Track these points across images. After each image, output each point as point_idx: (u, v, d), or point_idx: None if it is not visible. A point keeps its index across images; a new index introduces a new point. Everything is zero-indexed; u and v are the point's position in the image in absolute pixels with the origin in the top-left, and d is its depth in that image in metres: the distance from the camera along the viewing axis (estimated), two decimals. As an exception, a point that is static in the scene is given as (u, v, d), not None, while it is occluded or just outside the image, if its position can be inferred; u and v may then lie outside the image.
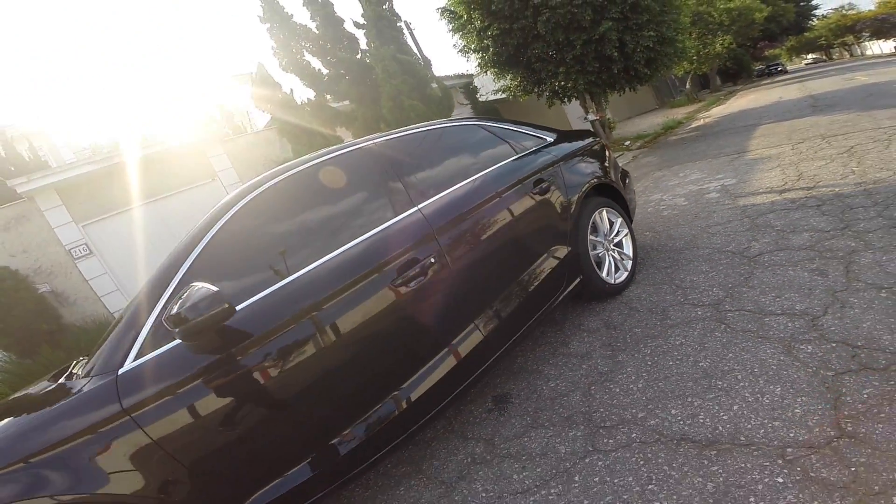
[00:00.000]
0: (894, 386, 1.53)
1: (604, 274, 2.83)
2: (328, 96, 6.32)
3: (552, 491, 1.58)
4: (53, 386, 1.59)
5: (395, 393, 1.72)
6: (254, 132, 9.92)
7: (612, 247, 3.00)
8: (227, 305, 1.32)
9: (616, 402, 1.92)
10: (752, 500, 1.28)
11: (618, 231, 3.07)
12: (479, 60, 10.77)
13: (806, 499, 1.23)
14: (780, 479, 1.31)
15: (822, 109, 7.67)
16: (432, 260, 1.86)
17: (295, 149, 5.58)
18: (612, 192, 3.14)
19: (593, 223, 2.84)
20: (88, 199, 7.76)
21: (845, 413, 1.49)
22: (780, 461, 1.38)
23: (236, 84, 18.58)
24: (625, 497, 1.44)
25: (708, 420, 1.64)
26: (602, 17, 8.12)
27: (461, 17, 9.79)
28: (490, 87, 12.62)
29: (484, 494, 1.69)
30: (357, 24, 5.99)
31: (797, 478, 1.30)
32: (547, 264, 2.42)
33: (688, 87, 20.97)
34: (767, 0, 24.65)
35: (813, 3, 34.03)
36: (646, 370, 2.07)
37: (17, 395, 1.90)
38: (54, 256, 7.65)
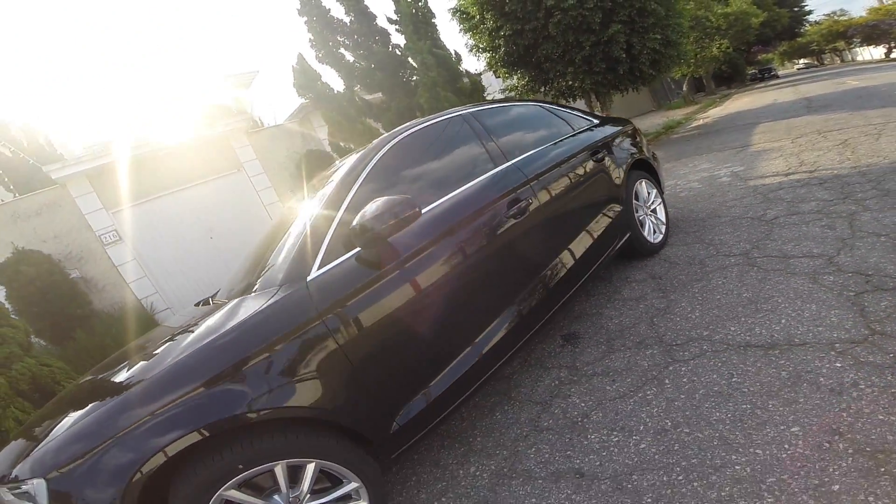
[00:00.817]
0: (908, 297, 1.95)
1: (645, 233, 3.26)
2: (357, 87, 6.68)
3: (648, 393, 1.92)
4: (230, 305, 1.71)
5: (520, 296, 2.12)
6: (276, 125, 10.22)
7: (650, 212, 3.43)
8: (416, 209, 1.63)
9: (680, 327, 2.32)
10: (821, 380, 1.64)
11: (653, 199, 3.50)
12: (488, 60, 11.20)
13: (863, 376, 1.60)
14: (839, 364, 1.69)
15: (816, 110, 8.23)
16: (530, 200, 2.26)
17: (332, 132, 5.92)
18: (647, 168, 3.57)
19: (635, 191, 3.26)
20: (118, 186, 7.97)
21: (871, 318, 1.90)
22: (832, 353, 1.76)
23: (232, 84, 18.79)
24: (715, 389, 1.79)
25: (764, 331, 2.04)
26: (611, 20, 8.60)
27: (474, 17, 10.22)
28: (496, 85, 13.04)
29: (583, 405, 2.00)
30: (390, 20, 6.37)
31: (851, 362, 1.68)
32: (607, 216, 2.84)
33: (684, 89, 21.70)
34: (762, 5, 25.32)
35: (806, 8, 34.59)
36: (698, 303, 2.47)
37: (184, 312, 2.18)
38: (84, 242, 7.85)
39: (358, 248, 1.67)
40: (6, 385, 3.51)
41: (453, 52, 6.36)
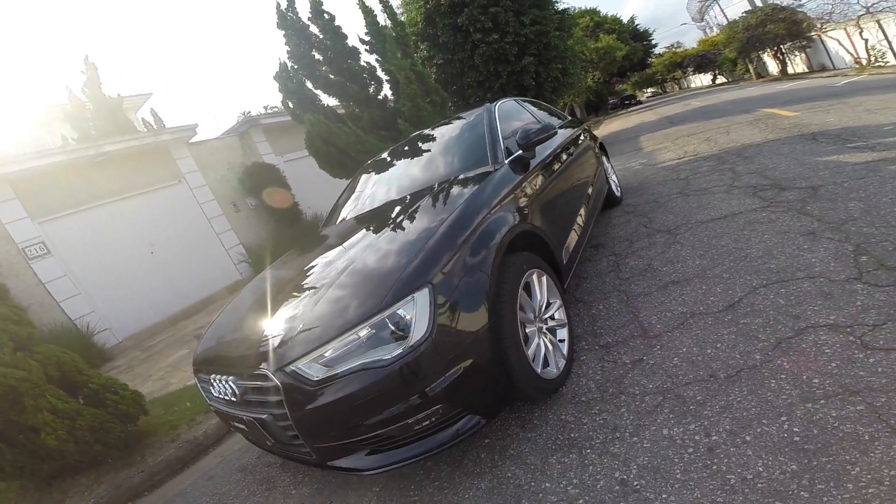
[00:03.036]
0: (776, 190, 3.44)
1: (613, 189, 4.60)
2: (323, 95, 7.30)
3: (676, 247, 3.03)
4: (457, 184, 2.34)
5: (584, 207, 3.15)
6: (217, 138, 10.06)
7: (610, 178, 4.80)
8: (555, 129, 2.56)
9: (666, 223, 3.56)
10: (760, 219, 2.93)
11: (611, 170, 4.90)
12: (414, 86, 12.48)
13: (779, 214, 2.90)
14: (765, 214, 3.00)
15: (677, 123, 10.99)
16: (572, 151, 3.37)
17: (316, 135, 6.45)
18: (603, 149, 4.96)
19: (603, 161, 4.60)
20: (47, 194, 7.21)
21: (766, 198, 3.30)
22: (760, 209, 3.09)
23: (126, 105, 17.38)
24: (715, 233, 2.98)
25: (717, 214, 3.35)
26: (524, 53, 10.51)
27: (408, 46, 11.47)
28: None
29: (641, 263, 2.98)
30: (362, 41, 7.21)
31: (772, 213, 2.99)
32: (600, 172, 4.08)
33: (565, 117, 25.51)
34: (623, 40, 30.70)
35: (653, 42, 41.36)
36: (669, 213, 3.77)
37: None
38: (3, 256, 6.89)
39: (519, 151, 2.55)
40: (39, 369, 3.06)
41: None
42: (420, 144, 3.22)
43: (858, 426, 1.23)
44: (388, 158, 3.40)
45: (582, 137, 4.09)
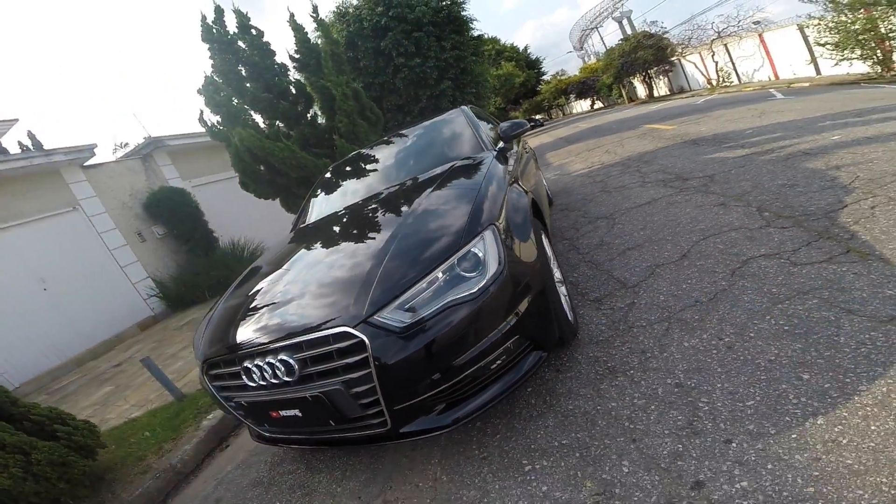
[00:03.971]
0: (681, 181, 4.30)
1: (546, 190, 5.26)
2: (256, 114, 7.13)
3: (619, 227, 3.61)
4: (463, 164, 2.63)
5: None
6: (115, 160, 9.03)
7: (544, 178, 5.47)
8: (528, 125, 2.98)
9: (601, 212, 4.19)
10: (678, 199, 3.69)
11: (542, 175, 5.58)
12: (332, 108, 12.53)
13: (690, 196, 3.70)
14: (679, 197, 3.75)
15: (574, 142, 12.48)
16: (526, 148, 3.89)
17: (245, 148, 6.25)
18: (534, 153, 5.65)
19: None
20: None
21: (673, 187, 4.14)
22: (673, 195, 3.87)
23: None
24: (647, 212, 3.63)
25: (642, 200, 4.06)
26: (443, 77, 11.22)
27: (343, 63, 11.54)
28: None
29: (593, 241, 3.50)
30: (292, 58, 7.19)
31: (684, 195, 3.77)
32: (540, 172, 4.68)
33: (472, 141, 27.19)
34: (520, 68, 32.96)
35: (543, 70, 45.34)
36: (600, 205, 4.44)
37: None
38: None
39: (502, 143, 2.94)
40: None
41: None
42: (414, 137, 3.53)
43: (822, 312, 1.73)
44: (384, 147, 3.66)
45: (522, 145, 4.68)
